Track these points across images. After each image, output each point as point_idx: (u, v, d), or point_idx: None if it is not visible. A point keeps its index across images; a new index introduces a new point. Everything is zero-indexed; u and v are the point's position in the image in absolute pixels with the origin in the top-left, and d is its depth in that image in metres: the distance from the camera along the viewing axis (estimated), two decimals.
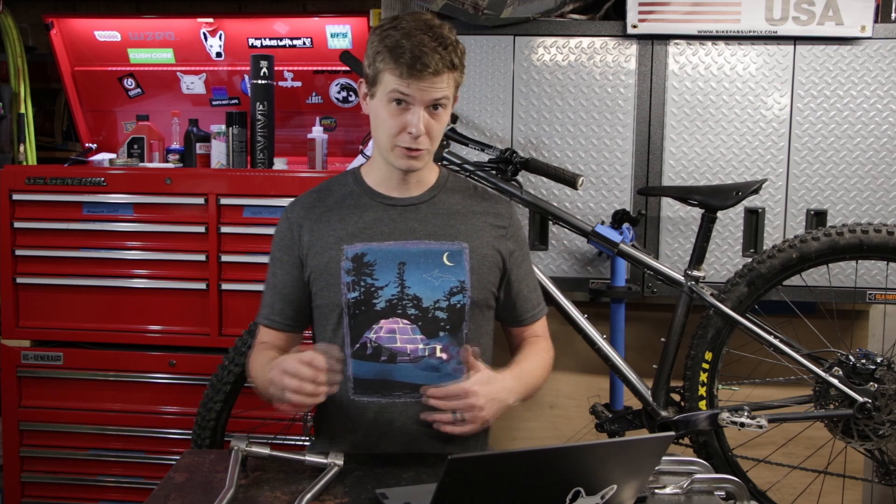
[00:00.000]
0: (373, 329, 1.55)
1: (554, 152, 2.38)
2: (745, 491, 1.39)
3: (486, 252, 1.61)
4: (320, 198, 1.65)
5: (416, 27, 1.48)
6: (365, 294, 1.55)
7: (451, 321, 1.57)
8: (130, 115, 3.16)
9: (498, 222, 1.65)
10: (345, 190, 1.65)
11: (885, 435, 1.92)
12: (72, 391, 2.63)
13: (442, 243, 1.58)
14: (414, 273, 1.56)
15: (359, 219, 1.60)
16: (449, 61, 1.48)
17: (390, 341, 1.55)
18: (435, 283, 1.56)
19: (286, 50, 3.01)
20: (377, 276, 1.56)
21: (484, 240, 1.61)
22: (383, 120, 1.52)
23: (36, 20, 3.15)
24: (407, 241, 1.58)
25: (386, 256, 1.57)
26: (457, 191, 1.66)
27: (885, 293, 2.32)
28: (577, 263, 2.40)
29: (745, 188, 2.00)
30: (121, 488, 2.64)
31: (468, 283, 1.57)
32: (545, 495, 1.08)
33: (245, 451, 1.40)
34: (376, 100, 1.53)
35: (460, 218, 1.62)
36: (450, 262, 1.57)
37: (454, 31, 1.53)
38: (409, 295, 1.55)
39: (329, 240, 1.58)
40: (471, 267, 1.58)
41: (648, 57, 2.34)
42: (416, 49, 1.45)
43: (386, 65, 1.48)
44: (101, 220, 2.59)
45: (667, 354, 2.07)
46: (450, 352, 1.57)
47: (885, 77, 2.30)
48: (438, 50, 1.47)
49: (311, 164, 2.78)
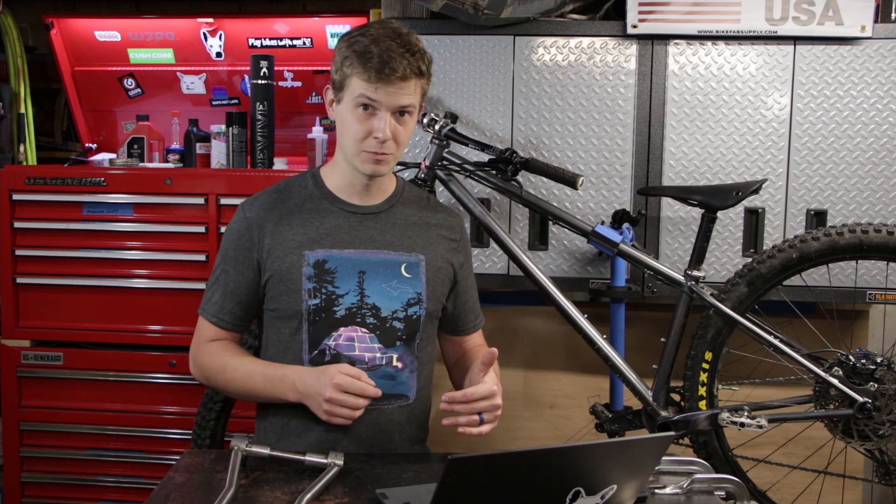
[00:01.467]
0: (332, 336, 1.56)
1: (554, 152, 2.38)
2: (745, 491, 1.39)
3: (440, 265, 1.64)
4: (280, 199, 1.63)
5: (385, 34, 1.50)
6: (325, 301, 1.56)
7: (406, 331, 1.59)
8: (130, 115, 3.16)
9: (450, 235, 1.69)
10: (304, 192, 1.64)
11: (885, 435, 1.92)
12: (72, 391, 2.63)
13: (400, 254, 1.61)
14: (373, 282, 1.58)
15: (320, 224, 1.60)
16: (417, 68, 1.50)
17: (349, 349, 1.56)
18: (394, 293, 1.58)
19: (286, 50, 3.01)
20: (338, 284, 1.57)
21: (438, 252, 1.65)
22: (349, 125, 1.52)
23: (36, 20, 3.15)
24: (367, 249, 1.59)
25: (346, 264, 1.57)
26: (412, 202, 1.69)
27: (885, 293, 2.32)
28: (577, 263, 2.40)
29: (745, 188, 2.00)
30: (121, 488, 2.65)
31: (424, 295, 1.61)
32: (545, 495, 1.08)
33: (245, 451, 1.40)
34: (343, 105, 1.54)
35: (416, 230, 1.64)
36: (408, 274, 1.60)
37: (420, 40, 1.55)
38: (368, 304, 1.57)
39: (290, 244, 1.58)
40: (427, 279, 1.61)
41: (648, 57, 2.34)
42: (385, 54, 1.47)
43: (354, 69, 1.49)
44: (101, 220, 2.59)
45: (667, 354, 2.07)
46: (404, 360, 1.60)
47: (885, 77, 2.30)
48: (406, 56, 1.48)
49: (311, 164, 2.78)
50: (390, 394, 1.58)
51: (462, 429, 1.44)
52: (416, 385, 1.62)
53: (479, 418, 1.44)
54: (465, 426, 1.44)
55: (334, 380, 1.43)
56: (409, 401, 1.61)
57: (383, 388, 1.54)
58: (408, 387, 1.61)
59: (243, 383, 1.58)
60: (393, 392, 1.59)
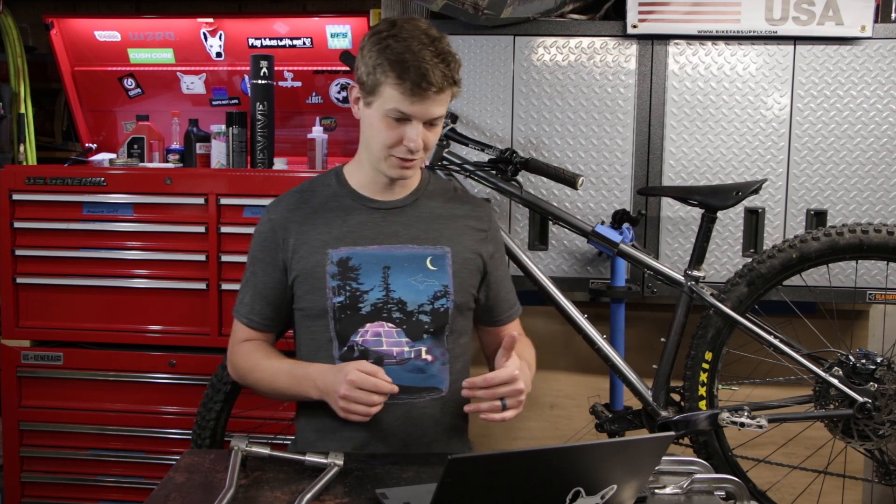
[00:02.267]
0: (358, 332, 1.57)
1: (554, 152, 2.38)
2: (745, 491, 1.39)
3: (468, 256, 1.63)
4: (304, 199, 1.65)
5: (417, 39, 1.47)
6: (350, 298, 1.56)
7: (434, 324, 1.58)
8: (130, 115, 3.16)
9: (478, 225, 1.67)
10: (328, 191, 1.65)
11: (885, 435, 1.92)
12: (72, 391, 2.63)
13: (425, 248, 1.60)
14: (399, 277, 1.57)
15: (343, 222, 1.60)
16: (451, 78, 1.49)
17: (376, 344, 1.56)
18: (419, 287, 1.58)
19: (286, 50, 3.01)
20: (362, 280, 1.57)
21: (465, 244, 1.63)
22: (379, 131, 1.52)
23: (36, 20, 3.15)
24: (391, 245, 1.59)
25: (371, 260, 1.58)
26: (438, 194, 1.68)
27: (885, 293, 2.32)
28: (577, 263, 2.40)
29: (745, 188, 2.00)
30: (121, 488, 2.64)
31: (451, 288, 1.59)
32: (545, 495, 1.08)
33: (245, 451, 1.40)
34: (372, 110, 1.52)
35: (442, 222, 1.64)
36: (433, 267, 1.59)
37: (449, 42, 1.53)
38: (393, 299, 1.57)
39: (314, 244, 1.59)
40: (453, 271, 1.60)
41: (648, 57, 2.34)
42: (421, 66, 1.44)
43: (387, 78, 1.47)
44: (101, 220, 2.59)
45: (667, 354, 2.07)
46: (434, 353, 1.59)
47: (885, 77, 2.30)
48: (441, 67, 1.46)
49: (311, 164, 2.78)
50: (422, 387, 1.58)
51: (484, 415, 1.44)
52: (449, 377, 1.61)
53: (501, 404, 1.43)
54: (487, 412, 1.44)
55: (348, 376, 1.43)
56: (441, 393, 1.60)
57: (413, 382, 1.56)
58: (440, 379, 1.59)
59: (271, 382, 1.60)
60: (424, 385, 1.58)
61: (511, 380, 1.43)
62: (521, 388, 1.43)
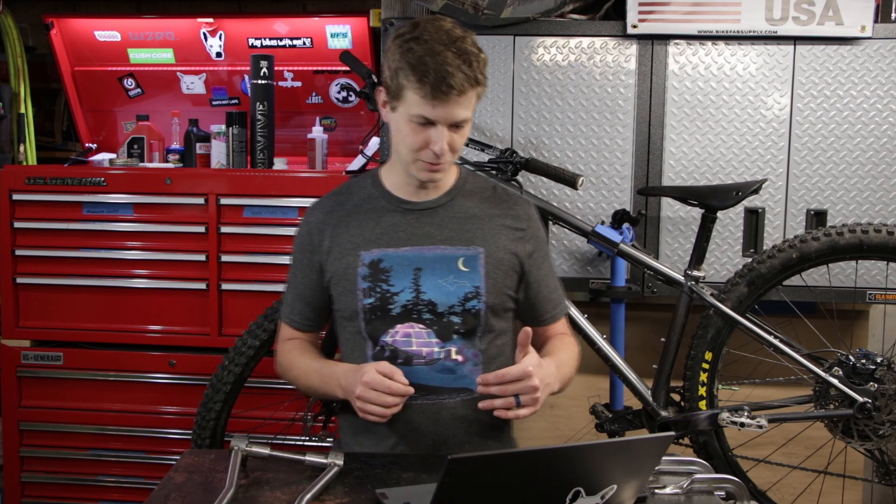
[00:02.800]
0: (389, 333, 1.57)
1: (554, 152, 2.38)
2: (745, 491, 1.39)
3: (503, 256, 1.61)
4: (339, 201, 1.66)
5: (439, 40, 1.45)
6: (380, 300, 1.57)
7: (465, 325, 1.57)
8: (130, 115, 3.16)
9: (516, 224, 1.65)
10: (364, 193, 1.65)
11: (885, 435, 1.92)
12: (72, 391, 2.63)
13: (458, 248, 1.59)
14: (429, 279, 1.57)
15: (376, 224, 1.61)
16: (473, 78, 1.47)
17: (406, 345, 1.56)
18: (450, 288, 1.57)
19: (286, 50, 3.01)
20: (393, 283, 1.57)
21: (500, 243, 1.61)
22: (406, 135, 1.51)
23: (36, 20, 3.15)
24: (423, 246, 1.59)
25: (402, 262, 1.58)
26: (475, 193, 1.66)
27: (885, 293, 2.32)
28: (577, 263, 2.40)
29: (745, 188, 2.00)
30: (121, 488, 2.65)
31: (483, 289, 1.58)
32: (545, 495, 1.08)
33: (245, 451, 1.40)
34: (398, 114, 1.51)
35: (477, 222, 1.62)
36: (465, 268, 1.58)
37: (476, 40, 1.50)
38: (423, 300, 1.56)
39: (347, 245, 1.60)
40: (486, 272, 1.58)
41: (648, 57, 2.34)
42: (441, 69, 1.43)
43: (409, 82, 1.46)
44: (101, 220, 2.60)
45: (667, 354, 2.07)
46: (465, 353, 1.58)
47: (885, 77, 2.30)
48: (463, 68, 1.44)
49: (311, 164, 2.79)
50: (452, 388, 1.57)
51: (498, 412, 1.43)
52: None
53: (515, 401, 1.42)
54: (501, 409, 1.43)
55: (364, 377, 1.43)
56: (473, 394, 1.57)
57: (443, 383, 1.55)
58: (471, 380, 1.56)
59: (305, 380, 1.63)
60: (454, 386, 1.57)
61: (524, 376, 1.41)
62: (534, 384, 1.41)
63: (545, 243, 1.71)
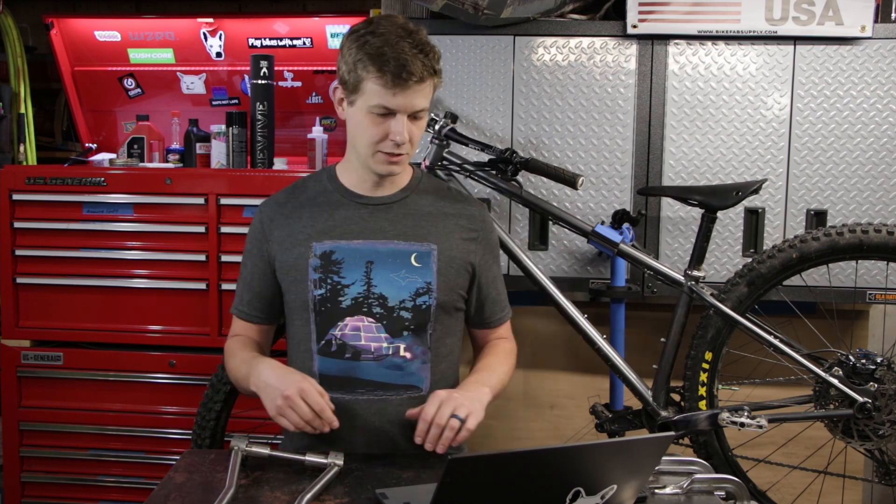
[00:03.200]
0: (338, 326, 1.57)
1: (554, 152, 2.38)
2: (745, 491, 1.39)
3: (455, 254, 1.62)
4: (294, 194, 1.67)
5: (395, 32, 1.49)
6: (331, 291, 1.57)
7: (415, 321, 1.58)
8: (130, 115, 3.16)
9: (469, 225, 1.66)
10: (318, 187, 1.66)
11: (885, 435, 1.92)
12: (72, 391, 2.63)
13: (411, 244, 1.60)
14: (381, 272, 1.57)
15: (329, 216, 1.61)
16: (431, 68, 1.50)
17: (354, 339, 1.57)
18: (401, 283, 1.58)
19: (286, 50, 3.01)
20: (344, 274, 1.57)
21: (453, 242, 1.63)
22: (365, 128, 1.53)
23: (36, 20, 3.15)
24: (376, 240, 1.59)
25: (354, 255, 1.58)
26: (429, 192, 1.68)
27: (885, 293, 2.32)
28: (577, 263, 2.40)
29: (745, 188, 2.00)
30: (121, 488, 2.64)
31: (434, 285, 1.59)
32: (545, 495, 1.08)
33: (245, 451, 1.40)
34: (356, 108, 1.53)
35: (431, 219, 1.63)
36: (417, 263, 1.59)
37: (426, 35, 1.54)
38: (374, 294, 1.57)
39: (299, 236, 1.60)
40: (438, 269, 1.59)
41: (648, 57, 2.34)
42: (400, 57, 1.46)
43: (368, 73, 1.48)
44: (101, 220, 2.59)
45: (667, 354, 2.07)
46: (413, 351, 1.59)
47: (885, 77, 2.30)
48: (420, 57, 1.47)
49: (311, 164, 2.78)
50: (398, 384, 1.58)
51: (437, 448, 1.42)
52: (431, 377, 1.60)
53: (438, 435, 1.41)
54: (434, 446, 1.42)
55: (301, 384, 1.42)
56: (420, 392, 1.59)
57: (391, 379, 1.56)
58: (419, 378, 1.59)
59: (236, 376, 1.62)
60: (401, 382, 1.58)
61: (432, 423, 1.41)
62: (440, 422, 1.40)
63: (496, 246, 1.74)
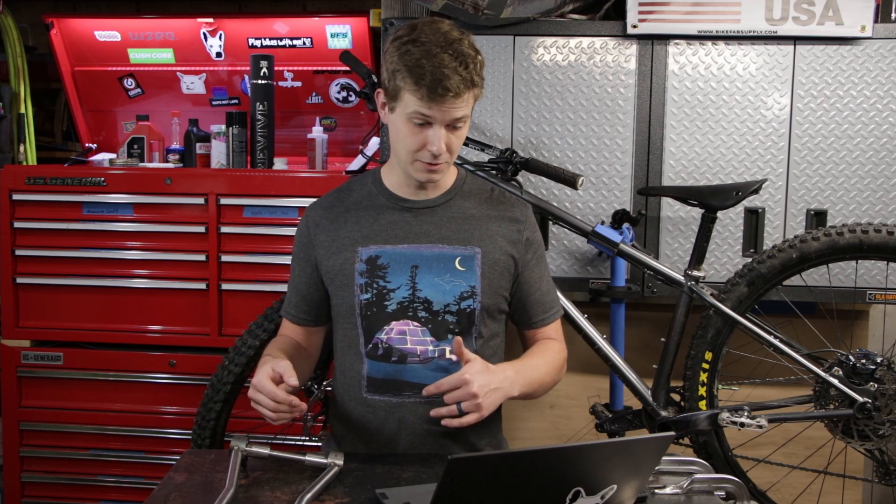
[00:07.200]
0: (384, 330, 1.58)
1: (554, 152, 2.38)
2: (745, 491, 1.39)
3: (499, 257, 1.62)
4: (339, 198, 1.68)
5: (436, 42, 1.46)
6: (377, 296, 1.58)
7: (460, 324, 1.58)
8: (130, 115, 3.16)
9: (513, 226, 1.65)
10: (364, 191, 1.67)
11: (885, 435, 1.92)
12: (72, 391, 2.63)
13: (455, 248, 1.60)
14: (426, 276, 1.58)
15: (374, 221, 1.62)
16: (469, 80, 1.48)
17: (401, 342, 1.57)
18: (446, 287, 1.58)
19: (286, 50, 3.01)
20: (389, 279, 1.58)
21: (497, 245, 1.62)
22: (404, 136, 1.52)
23: (36, 20, 3.15)
24: (420, 244, 1.60)
25: (399, 259, 1.58)
26: (473, 194, 1.67)
27: (885, 293, 2.32)
28: (577, 263, 2.40)
29: (745, 188, 2.00)
30: (121, 488, 2.65)
31: (479, 289, 1.59)
32: (545, 495, 1.08)
33: (245, 451, 1.40)
34: (396, 115, 1.53)
35: (474, 222, 1.63)
36: (461, 267, 1.59)
37: (473, 41, 1.51)
38: (420, 298, 1.57)
39: (344, 241, 1.61)
40: (482, 272, 1.59)
41: (648, 57, 2.34)
42: (437, 71, 1.44)
43: (406, 84, 1.47)
44: (101, 220, 2.60)
45: (667, 354, 2.07)
46: None
47: (885, 77, 2.30)
48: (459, 70, 1.46)
49: (311, 164, 2.79)
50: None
51: (444, 421, 1.45)
52: None
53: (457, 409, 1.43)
54: (447, 417, 1.44)
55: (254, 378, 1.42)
56: None
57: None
58: None
59: None
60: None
61: (461, 384, 1.42)
62: (472, 391, 1.41)
63: (541, 246, 1.72)
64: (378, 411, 1.59)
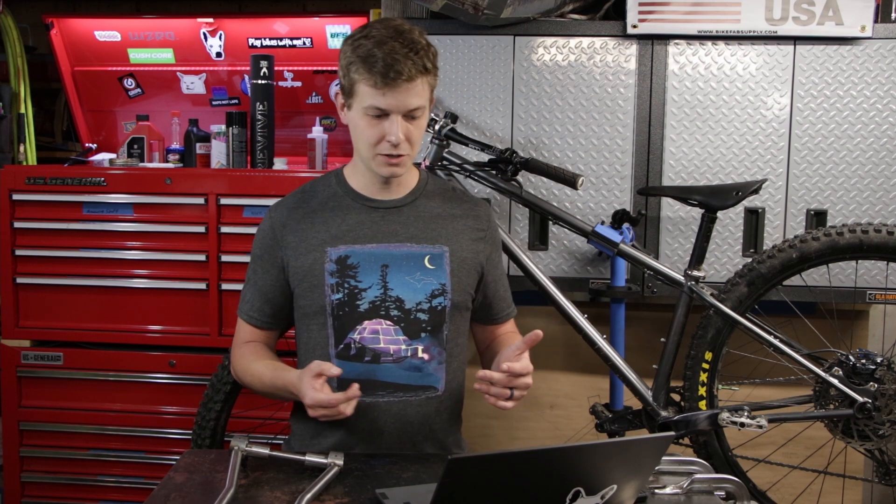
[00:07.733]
0: (356, 330, 1.58)
1: (554, 152, 2.38)
2: (745, 491, 1.39)
3: (466, 255, 1.64)
4: (304, 199, 1.67)
5: (387, 34, 1.50)
6: (349, 296, 1.58)
7: (432, 322, 1.60)
8: (130, 115, 3.16)
9: (477, 225, 1.69)
10: (328, 191, 1.67)
11: (885, 435, 1.92)
12: (72, 391, 2.63)
13: (423, 246, 1.61)
14: (397, 275, 1.59)
15: (342, 221, 1.62)
16: (421, 66, 1.50)
17: (374, 342, 1.58)
18: (417, 285, 1.59)
19: (286, 50, 3.01)
20: (361, 279, 1.59)
21: (463, 243, 1.65)
22: (362, 130, 1.54)
23: (36, 20, 3.15)
24: (389, 243, 1.61)
25: (369, 259, 1.59)
26: (436, 194, 1.69)
27: (885, 293, 2.32)
28: (577, 263, 2.40)
29: (745, 188, 2.00)
30: (121, 488, 2.64)
31: (449, 286, 1.61)
32: (545, 495, 1.08)
33: (245, 451, 1.40)
34: (353, 111, 1.55)
35: (441, 221, 1.65)
36: (431, 265, 1.60)
37: (424, 33, 1.55)
38: (391, 297, 1.58)
39: (312, 242, 1.61)
40: (451, 270, 1.62)
41: (648, 57, 2.34)
42: (388, 57, 1.47)
43: (360, 75, 1.50)
44: (101, 220, 2.59)
45: (667, 354, 2.07)
46: (431, 352, 1.60)
47: (885, 77, 2.30)
48: (410, 56, 1.48)
49: (311, 164, 2.78)
50: (417, 385, 1.59)
51: (492, 399, 1.46)
52: (446, 377, 1.62)
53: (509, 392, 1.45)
54: (494, 396, 1.45)
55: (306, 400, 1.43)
56: (437, 392, 1.61)
57: (410, 380, 1.58)
58: (436, 378, 1.61)
59: (260, 387, 1.63)
60: (420, 383, 1.60)
61: (526, 372, 1.45)
62: (530, 382, 1.46)
63: (500, 245, 1.77)
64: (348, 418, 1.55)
